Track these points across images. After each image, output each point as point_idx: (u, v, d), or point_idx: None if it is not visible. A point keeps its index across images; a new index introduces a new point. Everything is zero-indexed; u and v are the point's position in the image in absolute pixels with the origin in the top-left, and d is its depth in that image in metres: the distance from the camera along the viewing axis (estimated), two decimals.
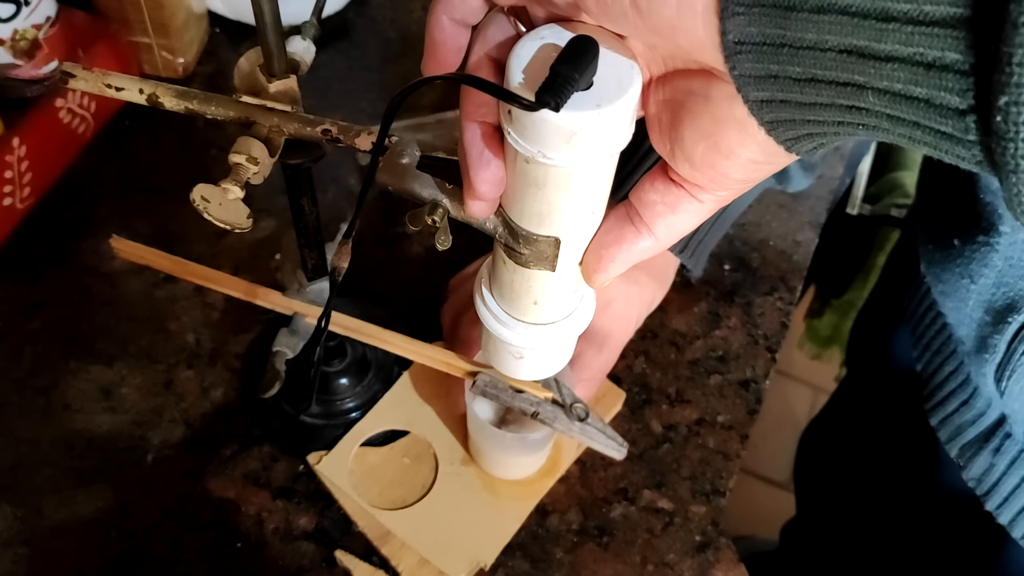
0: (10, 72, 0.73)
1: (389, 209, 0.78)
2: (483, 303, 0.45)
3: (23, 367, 0.68)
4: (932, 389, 0.68)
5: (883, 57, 0.25)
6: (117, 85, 0.45)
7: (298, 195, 0.53)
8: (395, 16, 0.92)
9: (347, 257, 0.42)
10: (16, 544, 0.61)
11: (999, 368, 0.59)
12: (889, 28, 0.25)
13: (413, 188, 0.40)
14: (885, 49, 0.25)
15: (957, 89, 0.24)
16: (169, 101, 0.46)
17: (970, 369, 0.63)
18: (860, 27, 0.25)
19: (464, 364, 0.59)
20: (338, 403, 0.66)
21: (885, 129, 0.28)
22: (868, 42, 0.25)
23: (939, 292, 0.65)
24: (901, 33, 0.25)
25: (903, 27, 0.24)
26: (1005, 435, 0.61)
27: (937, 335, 0.68)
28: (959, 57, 0.24)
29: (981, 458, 0.63)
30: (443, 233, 0.39)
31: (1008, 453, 0.62)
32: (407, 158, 0.40)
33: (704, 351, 0.73)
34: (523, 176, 0.35)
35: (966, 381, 0.64)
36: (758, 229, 0.80)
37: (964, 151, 0.26)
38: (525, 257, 0.39)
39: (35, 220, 0.75)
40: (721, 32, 0.28)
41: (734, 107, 0.31)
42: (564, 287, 0.41)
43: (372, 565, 0.61)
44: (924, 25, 0.24)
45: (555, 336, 0.44)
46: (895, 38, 0.25)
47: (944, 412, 0.66)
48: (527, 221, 0.37)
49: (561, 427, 0.57)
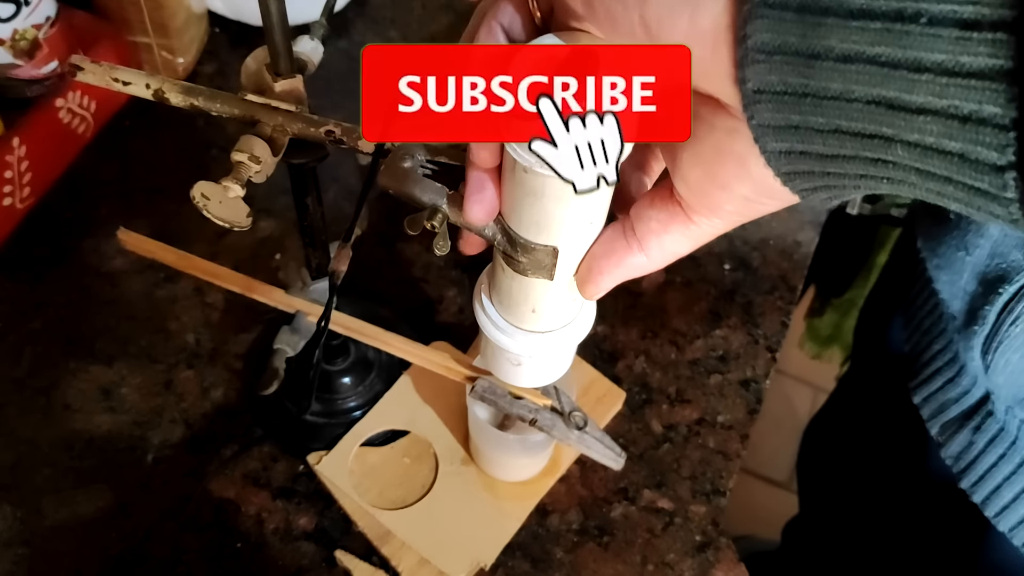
0: (10, 72, 0.73)
1: (389, 209, 0.78)
2: (482, 310, 0.45)
3: (23, 367, 0.68)
4: (919, 367, 0.68)
5: (914, 109, 0.24)
6: (124, 79, 0.45)
7: (303, 194, 0.53)
8: (395, 16, 0.92)
9: (346, 261, 0.42)
10: (16, 544, 0.61)
11: (987, 340, 0.59)
12: (922, 79, 0.24)
13: (413, 192, 0.40)
14: (917, 101, 0.24)
15: (995, 144, 0.23)
16: (175, 97, 0.46)
17: (959, 346, 0.64)
18: (890, 77, 0.24)
19: (463, 368, 0.59)
20: (340, 402, 0.66)
21: (912, 183, 0.27)
22: (898, 93, 0.24)
23: (934, 267, 0.65)
24: (935, 84, 0.23)
25: (937, 78, 0.23)
26: (987, 413, 0.62)
27: (929, 314, 0.68)
28: (998, 111, 0.23)
29: (961, 436, 0.63)
30: (442, 238, 0.39)
31: (988, 431, 0.62)
32: (409, 162, 0.40)
33: (704, 351, 0.73)
34: (521, 185, 0.35)
35: (954, 359, 0.64)
36: (758, 229, 0.80)
37: (1000, 208, 0.24)
38: (523, 265, 0.39)
39: (35, 220, 0.75)
40: (739, 80, 0.27)
41: (735, 141, 0.30)
42: (562, 296, 0.41)
43: (372, 565, 0.61)
44: (960, 76, 0.23)
45: (553, 344, 0.44)
46: (928, 89, 0.24)
47: (929, 390, 0.66)
48: (525, 230, 0.37)
49: (559, 435, 0.57)
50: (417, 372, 0.68)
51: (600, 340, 0.72)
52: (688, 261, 0.77)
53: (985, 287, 0.60)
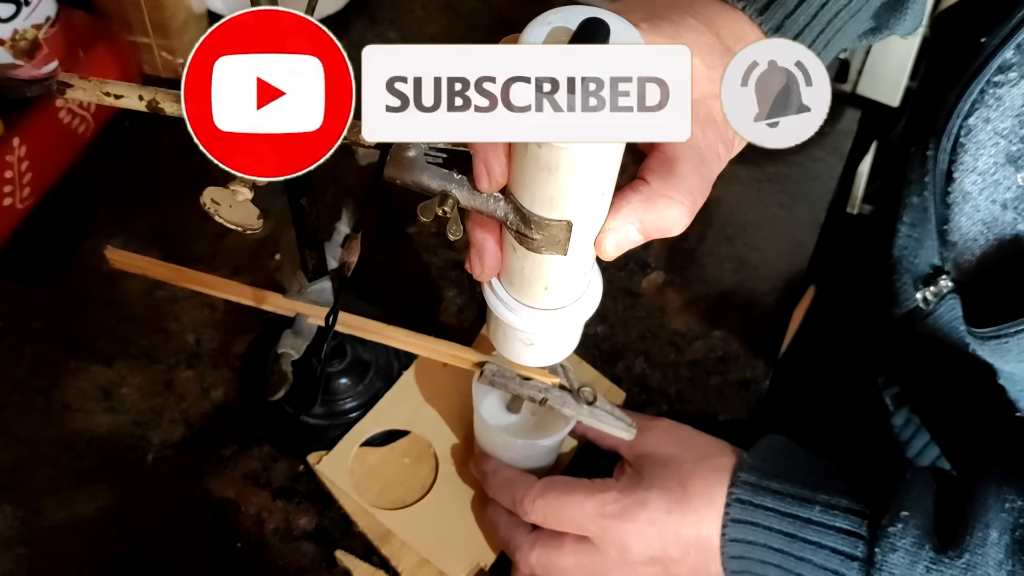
0: (10, 72, 0.73)
1: (389, 209, 0.78)
2: (492, 291, 0.45)
3: (23, 367, 0.68)
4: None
5: None
6: (116, 93, 0.44)
7: (298, 195, 0.53)
8: (395, 16, 0.92)
9: (356, 252, 0.43)
10: (16, 544, 0.61)
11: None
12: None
13: (421, 180, 0.40)
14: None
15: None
16: (170, 107, 0.45)
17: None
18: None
19: (470, 355, 0.59)
20: (339, 403, 0.66)
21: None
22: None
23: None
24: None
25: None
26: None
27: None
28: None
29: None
30: (454, 223, 0.39)
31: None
32: (413, 150, 0.40)
33: (704, 351, 0.73)
34: (534, 161, 0.35)
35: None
36: (758, 229, 0.80)
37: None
38: (537, 242, 0.39)
39: (35, 220, 0.75)
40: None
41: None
42: (575, 270, 0.42)
43: (372, 565, 0.61)
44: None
45: (565, 320, 0.45)
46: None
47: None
48: (538, 206, 0.37)
49: (570, 411, 0.58)
50: (417, 372, 0.68)
51: (600, 340, 0.72)
52: (688, 261, 0.77)
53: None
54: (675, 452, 0.58)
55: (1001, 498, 0.51)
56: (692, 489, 0.56)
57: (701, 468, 0.56)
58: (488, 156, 0.37)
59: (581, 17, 0.33)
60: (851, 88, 0.88)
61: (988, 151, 0.53)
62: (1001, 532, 0.49)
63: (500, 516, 0.60)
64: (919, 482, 0.53)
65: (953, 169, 0.55)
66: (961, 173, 0.55)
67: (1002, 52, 0.53)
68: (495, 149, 0.37)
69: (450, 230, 0.39)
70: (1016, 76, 0.52)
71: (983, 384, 0.59)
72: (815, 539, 0.53)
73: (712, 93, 0.38)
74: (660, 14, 0.40)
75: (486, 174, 0.38)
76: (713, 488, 0.55)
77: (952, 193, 0.55)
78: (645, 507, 0.55)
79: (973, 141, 0.54)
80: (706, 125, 0.39)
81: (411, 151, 0.40)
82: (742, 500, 0.54)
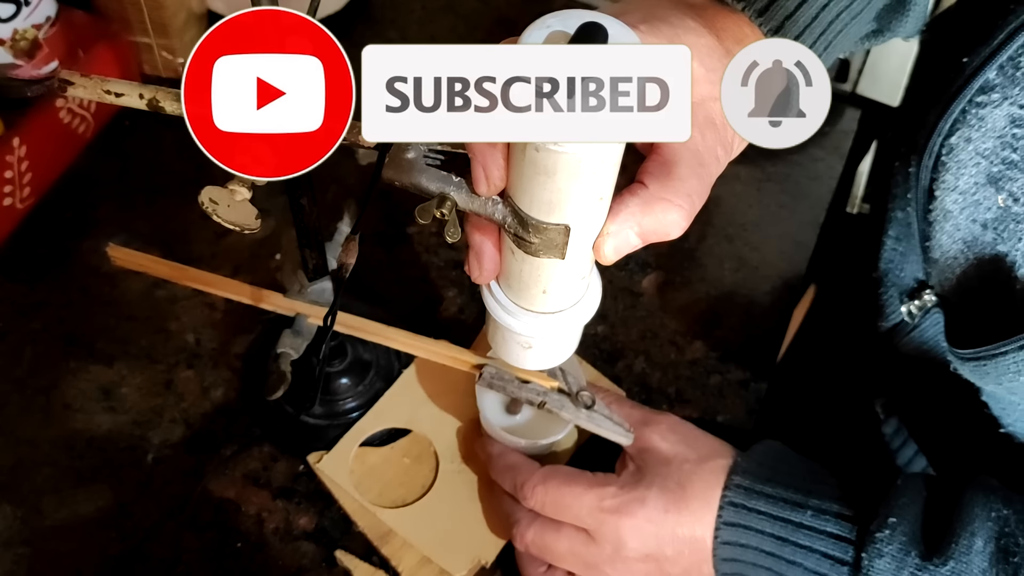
0: (10, 72, 0.73)
1: (389, 209, 0.78)
2: (490, 294, 0.45)
3: (23, 367, 0.68)
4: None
5: None
6: (117, 91, 0.44)
7: (298, 195, 0.53)
8: (395, 16, 0.92)
9: (355, 253, 0.43)
10: (16, 544, 0.61)
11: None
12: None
13: (420, 182, 0.40)
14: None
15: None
16: (170, 105, 0.45)
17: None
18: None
19: (469, 357, 0.59)
20: (339, 403, 0.66)
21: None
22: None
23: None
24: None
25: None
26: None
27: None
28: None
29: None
30: (452, 226, 0.39)
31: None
32: (412, 152, 0.40)
33: (704, 351, 0.73)
34: (532, 165, 0.35)
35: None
36: (758, 229, 0.80)
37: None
38: (535, 246, 0.39)
39: (35, 220, 0.75)
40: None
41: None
42: (573, 274, 0.42)
43: (372, 565, 0.61)
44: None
45: (563, 324, 0.45)
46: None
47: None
48: (537, 210, 0.37)
49: (569, 415, 0.58)
50: (417, 371, 0.68)
51: (600, 340, 0.73)
52: (688, 261, 0.77)
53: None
54: (678, 451, 0.58)
55: (988, 507, 0.51)
56: (691, 490, 0.56)
57: (701, 470, 0.56)
58: (486, 159, 0.37)
59: (579, 21, 0.33)
60: (851, 88, 0.88)
61: (969, 171, 0.53)
62: (986, 540, 0.50)
63: (504, 493, 0.60)
64: (909, 489, 0.53)
65: (935, 187, 0.55)
66: (943, 191, 0.54)
67: (984, 72, 0.52)
68: (493, 152, 0.37)
69: (448, 232, 0.39)
70: (999, 97, 0.52)
71: (967, 399, 0.59)
72: (806, 543, 0.53)
73: (711, 95, 0.38)
74: (659, 16, 0.40)
75: (484, 178, 0.38)
76: (710, 490, 0.56)
77: (934, 211, 0.55)
78: (643, 505, 0.55)
79: (954, 160, 0.53)
80: (705, 128, 0.39)
81: (410, 153, 0.40)
82: (735, 503, 0.55)
